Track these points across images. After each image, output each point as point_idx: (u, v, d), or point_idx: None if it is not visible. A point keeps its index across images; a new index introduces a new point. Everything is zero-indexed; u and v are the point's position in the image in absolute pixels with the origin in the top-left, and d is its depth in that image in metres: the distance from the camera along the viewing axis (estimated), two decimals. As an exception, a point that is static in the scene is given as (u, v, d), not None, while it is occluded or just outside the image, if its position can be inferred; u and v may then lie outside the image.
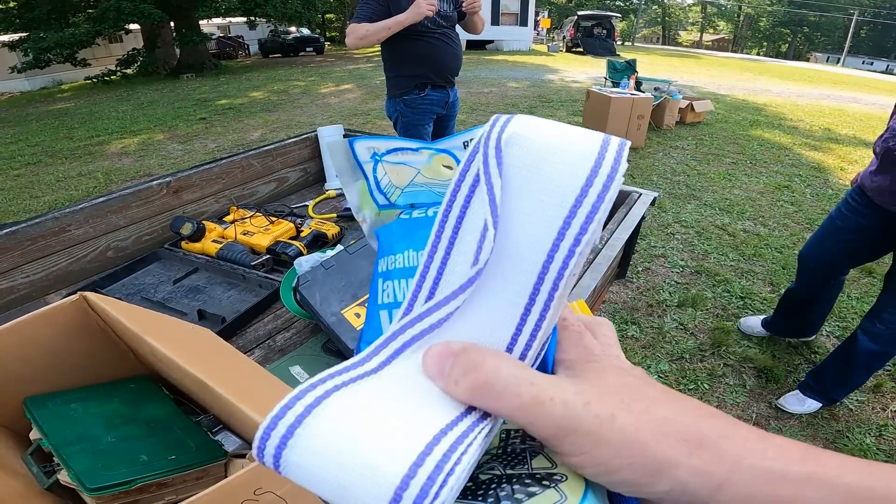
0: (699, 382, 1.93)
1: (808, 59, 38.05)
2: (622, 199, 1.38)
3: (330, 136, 2.03)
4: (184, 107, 7.96)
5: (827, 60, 35.91)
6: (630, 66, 7.07)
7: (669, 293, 2.52)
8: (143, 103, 8.64)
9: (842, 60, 34.16)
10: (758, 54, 43.42)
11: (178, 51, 14.22)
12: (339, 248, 1.28)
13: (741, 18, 48.75)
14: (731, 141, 5.59)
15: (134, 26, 13.32)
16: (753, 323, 2.28)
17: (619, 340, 1.77)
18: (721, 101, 8.40)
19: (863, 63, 32.37)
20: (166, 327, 0.81)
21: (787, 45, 46.59)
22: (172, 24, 13.48)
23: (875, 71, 28.02)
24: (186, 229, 1.58)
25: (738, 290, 2.56)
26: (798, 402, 1.86)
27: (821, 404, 1.86)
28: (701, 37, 52.71)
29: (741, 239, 3.13)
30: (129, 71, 13.79)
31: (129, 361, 0.78)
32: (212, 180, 1.75)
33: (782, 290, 2.54)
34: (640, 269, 2.75)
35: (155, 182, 1.61)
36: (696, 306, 2.41)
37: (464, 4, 2.18)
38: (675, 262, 2.83)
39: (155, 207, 1.62)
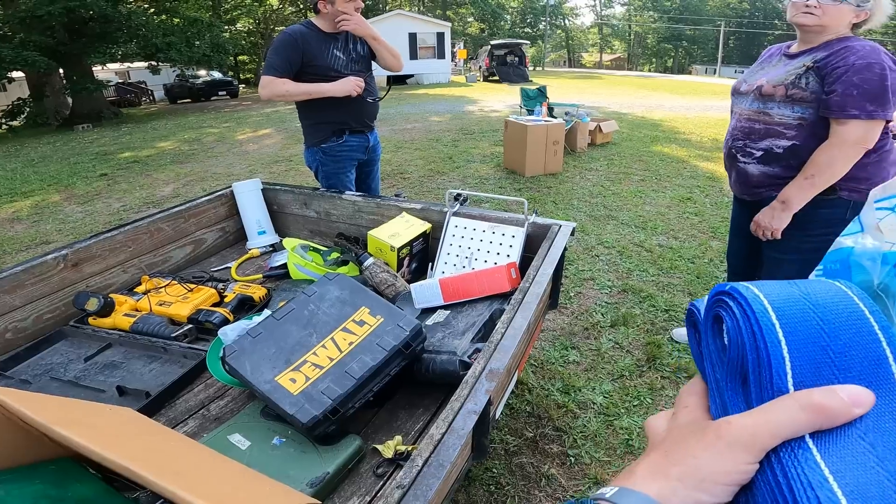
0: (642, 398, 2.00)
1: (689, 72, 41.94)
2: (543, 233, 1.42)
3: (247, 191, 1.94)
4: (81, 162, 7.35)
5: (706, 72, 39.65)
6: (542, 93, 7.46)
7: (602, 314, 2.63)
8: (34, 159, 7.90)
9: (717, 70, 38.05)
10: (649, 70, 47.54)
11: (70, 100, 13.25)
12: (266, 312, 1.23)
13: (631, 37, 53.39)
14: (637, 158, 6.03)
15: (18, 74, 12.28)
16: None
17: (562, 367, 1.77)
18: (623, 119, 9.07)
19: (735, 71, 35.66)
20: (78, 413, 0.77)
21: (671, 59, 51.41)
22: (62, 70, 12.57)
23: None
24: (92, 305, 1.47)
25: (662, 303, 2.71)
26: None
27: None
28: (601, 57, 56.97)
29: (658, 254, 3.34)
30: (15, 123, 12.64)
31: (46, 445, 0.72)
32: (116, 249, 1.61)
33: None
34: (573, 293, 2.85)
35: (50, 256, 1.47)
36: (628, 324, 2.52)
37: (339, 24, 2.05)
38: (604, 284, 2.96)
39: (53, 284, 1.48)
